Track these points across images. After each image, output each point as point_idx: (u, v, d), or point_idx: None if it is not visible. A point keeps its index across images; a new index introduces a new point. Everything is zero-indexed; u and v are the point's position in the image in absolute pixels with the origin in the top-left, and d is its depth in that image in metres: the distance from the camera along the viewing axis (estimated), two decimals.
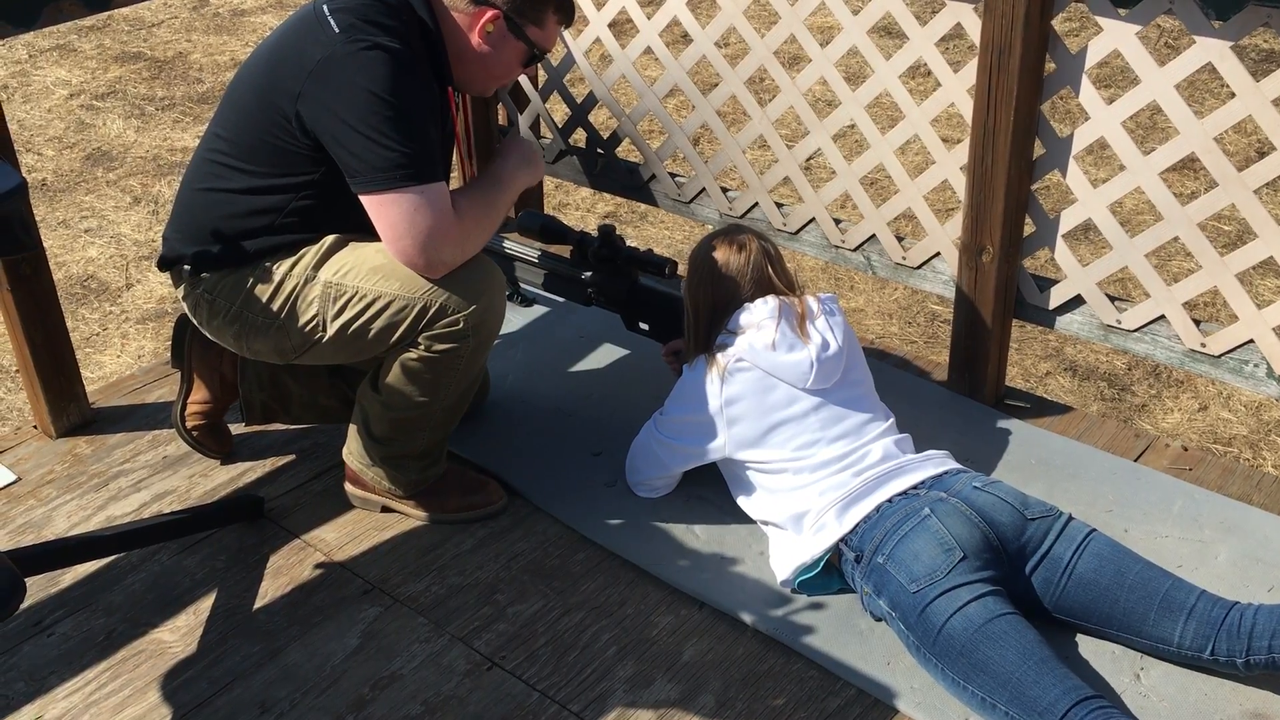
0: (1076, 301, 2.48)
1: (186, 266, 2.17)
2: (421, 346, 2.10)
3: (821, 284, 4.04)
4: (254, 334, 2.16)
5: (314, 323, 2.11)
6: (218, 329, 2.20)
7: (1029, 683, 1.78)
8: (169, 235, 2.21)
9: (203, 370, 2.44)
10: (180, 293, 2.22)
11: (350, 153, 1.98)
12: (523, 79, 3.18)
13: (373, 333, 2.09)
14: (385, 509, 2.34)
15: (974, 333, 2.56)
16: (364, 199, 2.01)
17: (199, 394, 2.45)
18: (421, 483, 2.29)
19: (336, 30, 1.99)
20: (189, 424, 2.46)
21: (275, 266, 2.11)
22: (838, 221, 2.75)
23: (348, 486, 2.35)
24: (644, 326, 2.53)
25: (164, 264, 2.22)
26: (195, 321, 2.24)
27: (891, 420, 2.22)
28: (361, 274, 2.08)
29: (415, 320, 2.07)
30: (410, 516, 2.32)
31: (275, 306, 2.12)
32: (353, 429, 2.28)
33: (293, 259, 2.11)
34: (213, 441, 2.49)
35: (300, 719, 1.93)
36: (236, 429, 2.54)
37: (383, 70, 1.96)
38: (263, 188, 2.09)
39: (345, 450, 2.31)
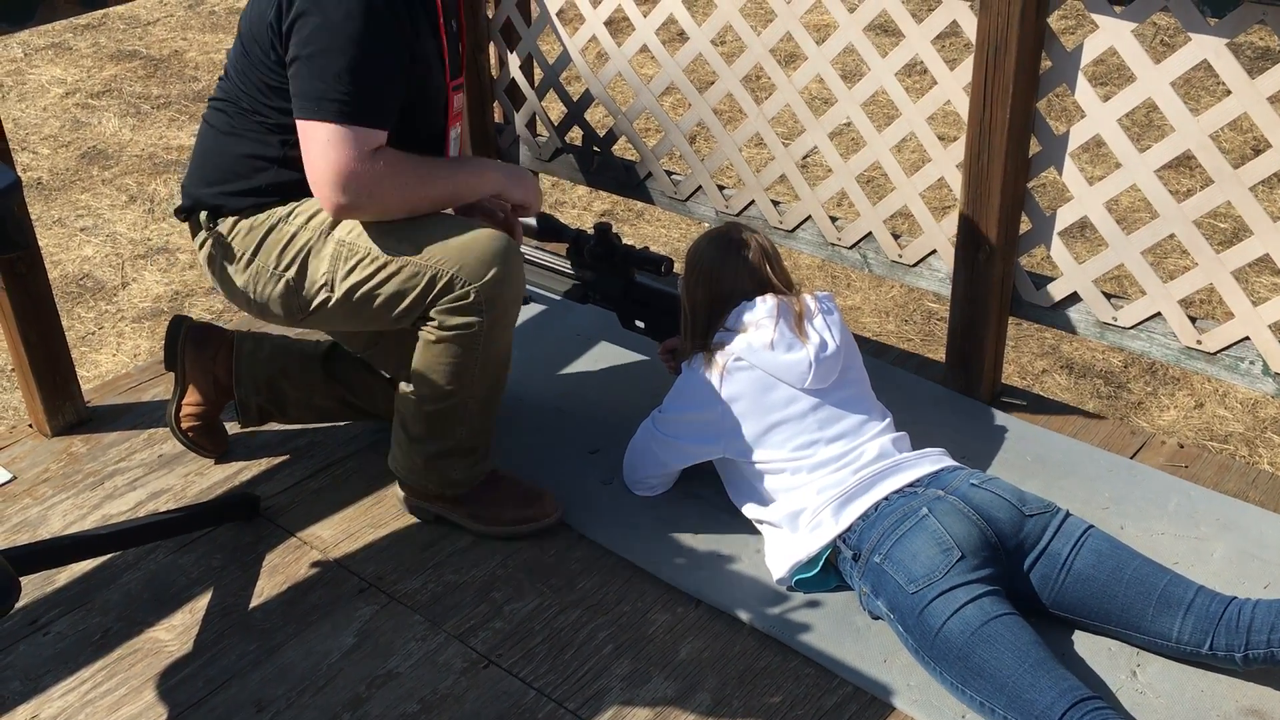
0: (1073, 299, 2.48)
1: (204, 213, 2.16)
2: (435, 323, 2.07)
3: (818, 282, 4.04)
4: (265, 288, 2.14)
5: (323, 281, 2.10)
6: (231, 282, 2.18)
7: (1025, 686, 1.77)
8: (186, 183, 2.21)
9: (196, 373, 2.43)
10: (197, 243, 2.21)
11: (297, 77, 1.97)
12: (519, 78, 3.18)
13: (380, 299, 2.07)
14: (439, 518, 2.29)
15: (970, 330, 2.57)
16: (298, 124, 2.00)
17: (193, 396, 2.45)
18: (469, 481, 2.23)
19: None
20: (184, 425, 2.46)
21: (291, 217, 2.10)
22: (834, 219, 2.75)
23: (399, 493, 2.31)
24: (640, 325, 2.52)
25: (181, 213, 2.22)
26: (212, 279, 2.23)
27: (889, 419, 2.22)
28: (375, 235, 2.06)
29: (425, 290, 2.04)
30: (465, 528, 2.27)
31: (287, 260, 2.10)
32: (394, 436, 2.24)
33: (309, 212, 2.09)
34: (208, 442, 2.48)
35: (296, 718, 1.93)
36: (232, 427, 2.54)
37: (354, 16, 1.93)
38: (270, 125, 2.08)
39: (390, 458, 2.27)
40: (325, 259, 2.09)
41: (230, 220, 2.15)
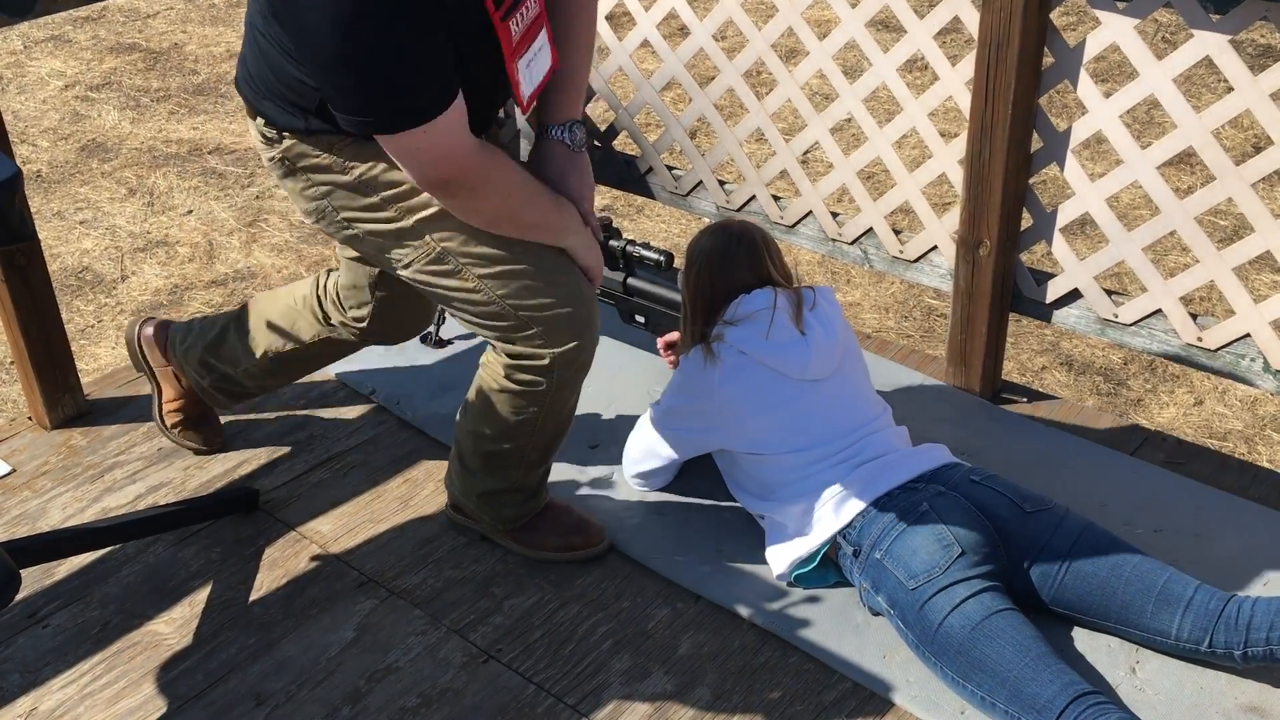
0: (1073, 295, 2.48)
1: (260, 119, 1.91)
2: (503, 373, 2.00)
3: (818, 277, 4.04)
4: (332, 228, 1.99)
5: (399, 259, 1.95)
6: (300, 203, 1.99)
7: (1026, 679, 1.78)
8: (239, 77, 1.95)
9: (161, 369, 2.44)
10: (259, 145, 1.97)
11: (327, 94, 1.74)
12: None
13: (455, 308, 1.96)
14: (484, 537, 2.26)
15: (971, 326, 2.56)
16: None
17: (168, 393, 2.45)
18: (521, 518, 2.20)
19: None
20: (168, 423, 2.46)
21: (372, 180, 1.88)
22: (835, 215, 2.75)
23: (449, 511, 2.29)
24: (640, 319, 2.52)
25: (240, 90, 1.97)
26: (283, 187, 2.00)
27: (888, 413, 2.22)
28: (472, 258, 1.90)
29: (503, 332, 1.95)
30: (510, 550, 2.23)
31: (358, 218, 1.93)
32: (451, 460, 2.21)
33: (398, 184, 1.87)
34: (197, 436, 2.48)
35: (296, 711, 1.93)
36: (233, 424, 2.54)
37: (337, 6, 1.61)
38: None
39: (446, 478, 2.25)
40: (411, 247, 1.93)
41: (294, 141, 1.90)
